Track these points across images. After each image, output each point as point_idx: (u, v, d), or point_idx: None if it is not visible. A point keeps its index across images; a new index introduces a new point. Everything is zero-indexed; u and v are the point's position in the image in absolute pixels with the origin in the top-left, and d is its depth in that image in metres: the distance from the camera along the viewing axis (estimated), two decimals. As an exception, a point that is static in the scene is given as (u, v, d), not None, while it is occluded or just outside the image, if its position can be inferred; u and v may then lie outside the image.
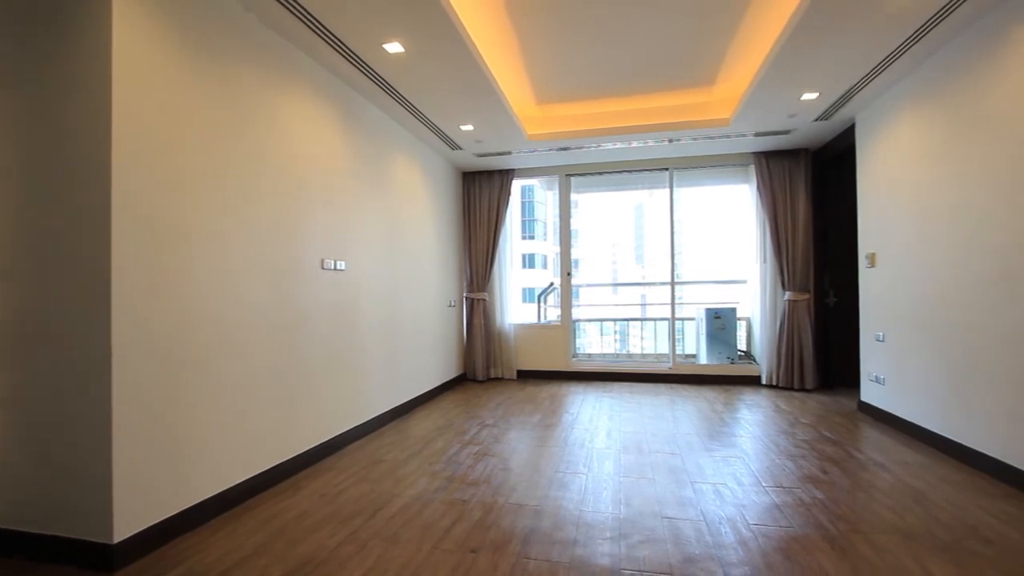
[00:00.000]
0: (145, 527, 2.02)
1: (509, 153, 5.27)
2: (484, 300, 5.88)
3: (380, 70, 3.32)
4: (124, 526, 1.94)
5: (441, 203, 5.36)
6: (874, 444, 3.33)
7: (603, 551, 2.02)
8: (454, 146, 5.00)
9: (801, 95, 3.81)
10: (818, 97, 3.84)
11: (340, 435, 3.35)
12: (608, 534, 2.16)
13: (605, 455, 3.19)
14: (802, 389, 5.08)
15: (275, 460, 2.75)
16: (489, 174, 5.91)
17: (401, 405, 4.26)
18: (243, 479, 2.52)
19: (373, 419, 3.78)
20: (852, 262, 4.59)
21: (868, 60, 3.26)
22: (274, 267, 2.77)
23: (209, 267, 2.34)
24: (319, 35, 2.85)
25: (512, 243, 6.17)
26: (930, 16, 2.74)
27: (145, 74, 2.05)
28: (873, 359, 4.03)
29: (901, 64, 3.29)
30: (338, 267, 3.35)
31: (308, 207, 3.07)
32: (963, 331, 2.97)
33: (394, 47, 3.02)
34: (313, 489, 2.68)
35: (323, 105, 3.25)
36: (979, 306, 2.84)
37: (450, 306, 5.59)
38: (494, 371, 5.97)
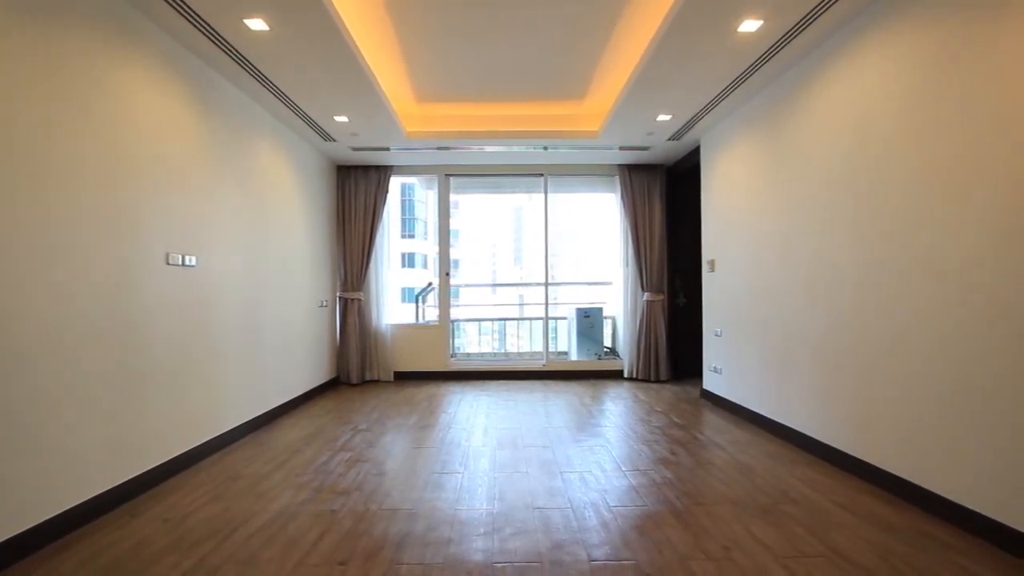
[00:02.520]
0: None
1: (387, 149, 5.12)
2: (359, 300, 5.65)
3: (242, 48, 3.03)
4: None
5: (313, 197, 5.03)
6: (713, 426, 3.81)
7: (477, 547, 2.06)
8: (327, 137, 4.74)
9: (657, 116, 4.24)
10: (671, 119, 4.30)
11: (191, 450, 2.99)
12: (482, 530, 2.20)
13: (481, 452, 3.24)
14: (657, 380, 5.64)
15: (108, 483, 2.37)
16: (366, 169, 5.68)
17: (265, 413, 3.92)
18: (69, 506, 2.13)
19: (232, 430, 3.43)
20: (698, 267, 5.21)
21: (711, 90, 3.72)
22: (104, 259, 2.38)
23: (14, 255, 1.94)
24: (168, 2, 2.52)
25: (390, 242, 6.01)
26: (761, 54, 3.20)
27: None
28: (713, 352, 4.62)
29: (737, 95, 3.81)
30: (188, 262, 2.99)
31: (150, 192, 2.69)
32: (780, 328, 3.53)
33: (257, 24, 2.77)
34: (155, 514, 2.36)
35: (174, 80, 2.87)
36: (791, 307, 3.40)
37: (322, 306, 5.28)
38: (370, 373, 5.75)
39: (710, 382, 4.67)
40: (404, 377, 5.88)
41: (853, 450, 2.80)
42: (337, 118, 4.23)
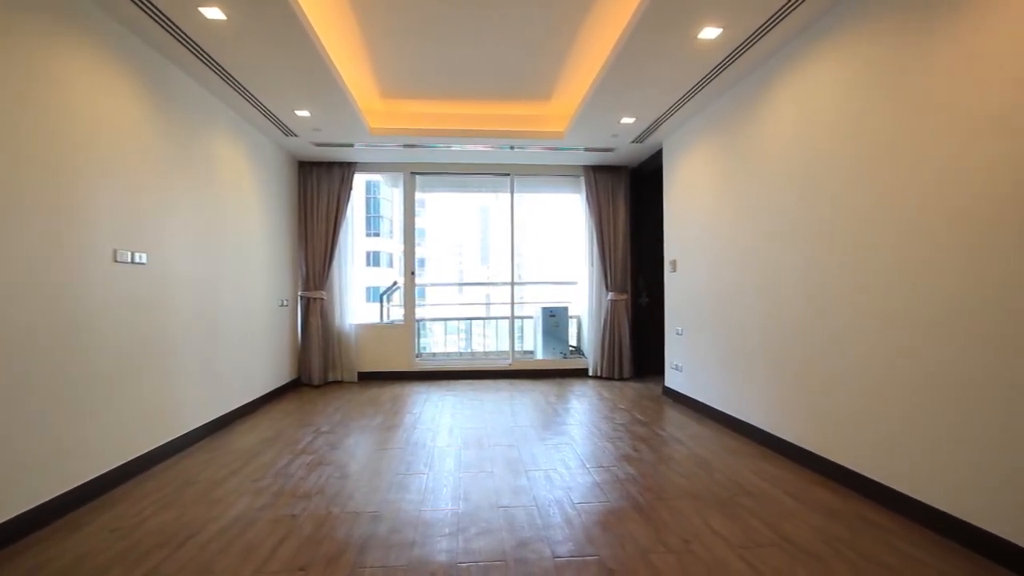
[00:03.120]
0: None
1: (351, 145, 5.03)
2: (322, 299, 5.53)
3: (197, 37, 2.91)
4: None
5: (273, 193, 4.89)
6: (674, 422, 3.92)
7: (441, 548, 2.05)
8: (289, 132, 4.61)
9: (621, 118, 4.32)
10: (635, 121, 4.39)
11: (142, 456, 2.86)
12: (447, 530, 2.20)
13: (446, 453, 3.23)
14: (621, 378, 5.74)
15: (50, 493, 2.24)
16: (329, 166, 5.56)
17: (223, 416, 3.79)
18: (4, 519, 2.01)
19: (187, 434, 3.31)
20: (660, 267, 5.33)
21: (673, 94, 3.82)
22: (44, 257, 2.25)
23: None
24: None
25: (354, 240, 5.90)
26: (719, 61, 3.30)
27: None
28: (674, 350, 4.74)
29: (697, 101, 3.92)
30: (138, 259, 2.86)
31: (97, 187, 2.56)
32: (736, 327, 3.66)
33: (213, 12, 2.67)
34: (101, 524, 2.25)
35: (125, 70, 2.74)
36: (746, 307, 3.52)
37: (282, 305, 5.14)
38: (333, 374, 5.64)
39: (672, 379, 4.79)
40: (368, 378, 5.79)
41: (803, 443, 2.93)
42: (298, 113, 4.13)
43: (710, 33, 2.92)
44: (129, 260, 2.79)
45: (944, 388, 2.09)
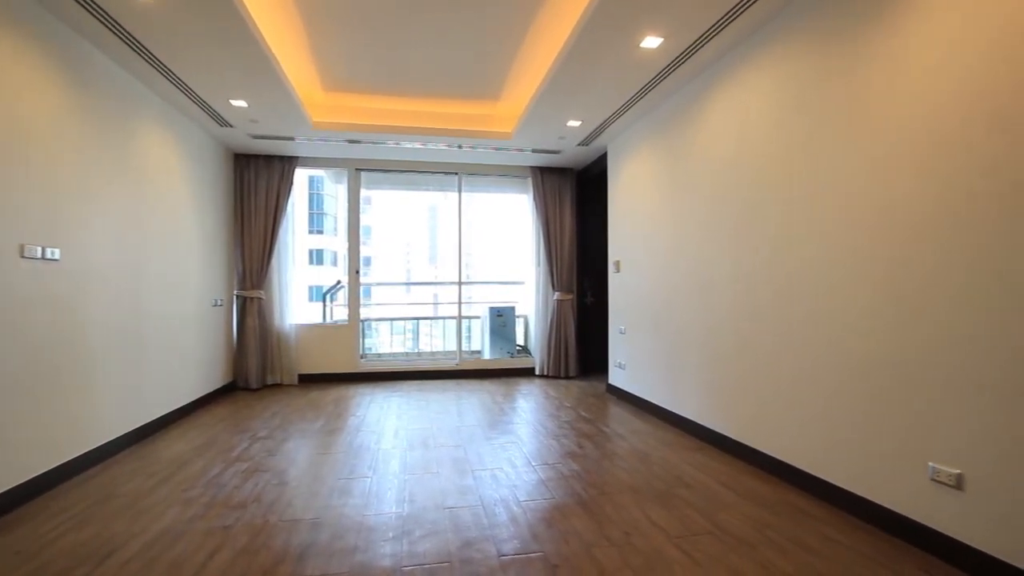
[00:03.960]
0: None
1: (292, 139, 4.84)
2: (260, 299, 5.28)
3: (120, 17, 2.71)
4: None
5: (207, 187, 4.62)
6: (617, 419, 4.03)
7: (385, 552, 2.01)
8: (224, 123, 4.38)
9: (568, 121, 4.39)
10: (581, 125, 4.48)
11: (52, 470, 2.62)
12: (391, 534, 2.16)
13: (391, 455, 3.17)
14: (567, 377, 5.84)
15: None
16: (268, 159, 5.32)
17: (149, 424, 3.54)
18: None
19: (107, 444, 3.07)
20: (605, 268, 5.46)
21: (617, 99, 3.92)
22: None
23: None
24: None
25: (296, 237, 5.68)
26: (661, 69, 3.42)
27: None
28: (617, 348, 4.87)
29: (640, 107, 4.05)
30: (50, 255, 2.62)
31: (1, 173, 2.33)
32: (674, 326, 3.81)
33: (139, -7, 2.50)
34: (4, 545, 2.05)
35: (35, 50, 2.50)
36: (683, 307, 3.68)
37: (216, 305, 4.87)
38: (271, 377, 5.40)
39: (615, 377, 4.93)
40: (310, 380, 5.59)
41: (736, 435, 3.09)
42: (234, 102, 3.92)
43: (652, 42, 3.03)
44: (39, 256, 2.55)
45: (859, 383, 2.26)
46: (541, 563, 1.93)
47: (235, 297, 5.28)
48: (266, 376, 5.36)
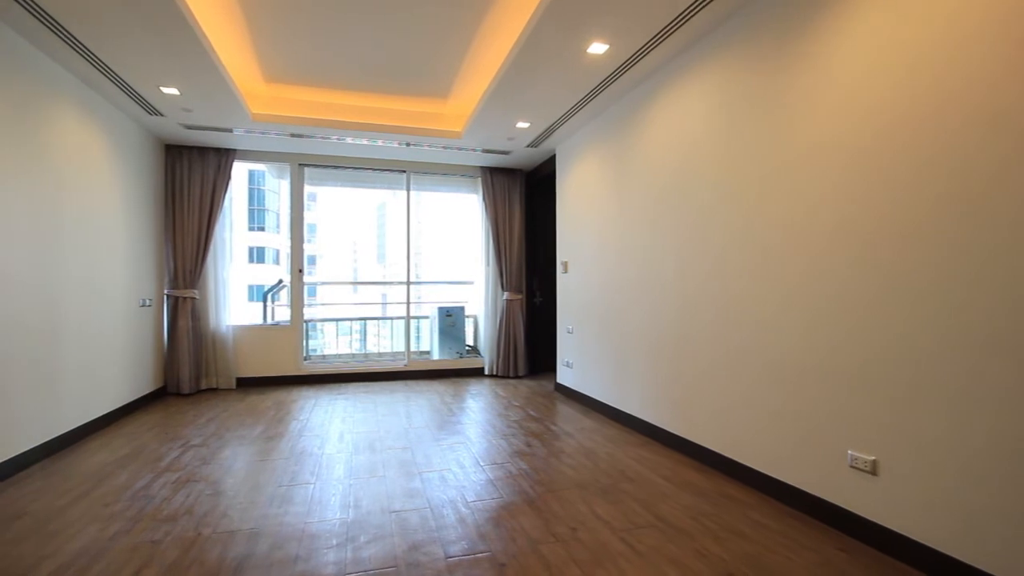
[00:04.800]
0: None
1: (230, 131, 4.60)
2: (194, 298, 4.99)
3: (30, -8, 2.49)
4: None
5: (133, 179, 4.32)
6: (565, 417, 4.10)
7: (328, 560, 1.95)
8: (153, 111, 4.10)
9: (517, 123, 4.42)
10: (530, 126, 4.52)
11: (-54, 489, 2.38)
12: (335, 541, 2.10)
13: (336, 459, 3.08)
14: (516, 376, 5.88)
15: None
16: (203, 151, 5.04)
17: (66, 434, 3.27)
18: None
19: (14, 459, 2.81)
20: (554, 268, 5.54)
21: (564, 103, 3.99)
22: None
23: None
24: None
25: (234, 234, 5.41)
26: (607, 75, 3.51)
27: None
28: (565, 347, 4.96)
29: (588, 111, 4.13)
30: (-54, 252, 2.37)
31: None
32: (619, 325, 3.92)
33: (54, -32, 2.30)
34: None
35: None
36: (627, 307, 3.79)
37: (144, 306, 4.56)
38: (206, 381, 5.12)
39: (563, 376, 5.01)
40: (249, 384, 5.34)
41: (676, 430, 3.22)
42: (165, 89, 3.68)
43: (598, 48, 3.10)
44: (-67, 252, 2.31)
45: (788, 379, 2.41)
46: (488, 563, 1.93)
47: (165, 297, 4.96)
48: (200, 380, 5.08)
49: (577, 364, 4.69)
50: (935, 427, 1.80)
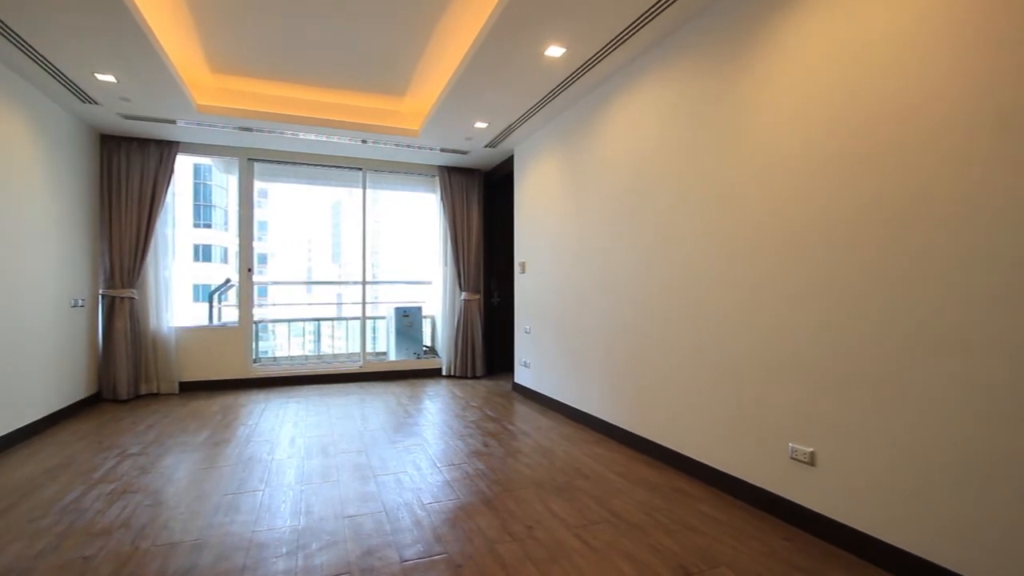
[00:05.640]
0: None
1: (173, 122, 4.38)
2: (132, 298, 4.71)
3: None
4: None
5: (64, 172, 4.03)
6: (522, 416, 4.12)
7: (278, 569, 1.89)
8: (87, 99, 3.85)
9: (475, 123, 4.41)
10: (487, 127, 4.52)
11: None
12: (284, 550, 2.03)
13: (287, 465, 2.99)
14: (474, 377, 5.87)
15: None
16: (143, 143, 4.77)
17: (-20, 447, 3.03)
18: None
19: (-80, 474, 2.57)
20: (511, 269, 5.56)
21: (522, 104, 4.01)
22: None
23: None
24: None
25: (178, 230, 5.15)
26: (564, 77, 3.55)
27: None
28: (523, 348, 4.99)
29: (545, 112, 4.17)
30: None
31: None
32: (576, 326, 3.97)
33: (-29, -60, 2.12)
34: None
35: None
36: (584, 308, 3.85)
37: (76, 306, 4.27)
38: (146, 386, 4.85)
39: (520, 376, 5.03)
40: (194, 388, 5.10)
41: (629, 427, 3.30)
42: (100, 76, 3.46)
43: (555, 51, 3.13)
44: None
45: (732, 377, 2.51)
46: (445, 564, 1.92)
47: (100, 296, 4.66)
48: (140, 385, 4.80)
49: (535, 364, 4.72)
50: (864, 419, 1.92)
